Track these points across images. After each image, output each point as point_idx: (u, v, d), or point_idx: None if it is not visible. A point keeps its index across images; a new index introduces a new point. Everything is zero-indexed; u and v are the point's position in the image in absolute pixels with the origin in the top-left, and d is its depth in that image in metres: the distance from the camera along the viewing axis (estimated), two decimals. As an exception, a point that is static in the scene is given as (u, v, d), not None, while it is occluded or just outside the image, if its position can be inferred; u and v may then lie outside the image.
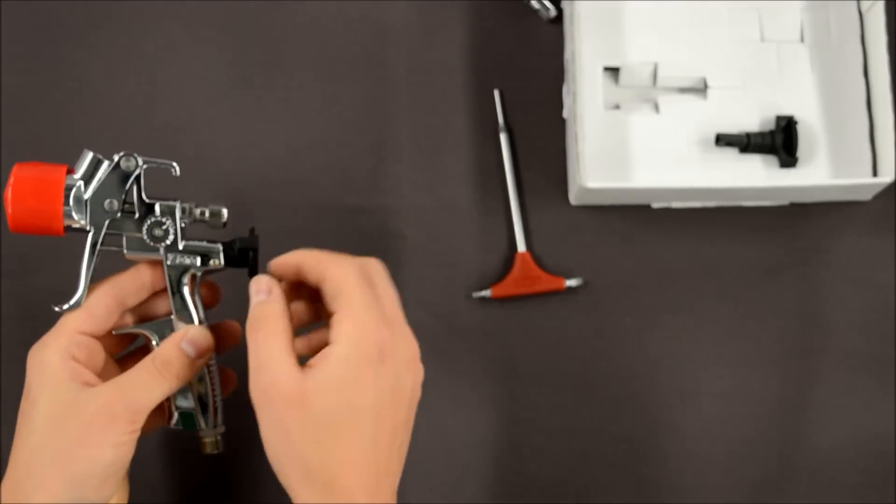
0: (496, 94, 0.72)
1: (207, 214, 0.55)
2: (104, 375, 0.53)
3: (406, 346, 0.52)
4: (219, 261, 0.55)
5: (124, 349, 0.57)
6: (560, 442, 0.68)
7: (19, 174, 0.52)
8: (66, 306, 0.52)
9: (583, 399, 0.69)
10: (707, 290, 0.70)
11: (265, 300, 0.52)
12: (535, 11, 0.74)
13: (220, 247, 0.55)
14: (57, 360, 0.51)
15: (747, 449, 0.68)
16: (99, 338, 0.54)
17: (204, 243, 0.55)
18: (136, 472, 0.55)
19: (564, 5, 0.72)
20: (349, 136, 0.72)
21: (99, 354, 0.53)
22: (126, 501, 0.55)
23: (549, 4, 0.73)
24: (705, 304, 0.70)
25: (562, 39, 0.73)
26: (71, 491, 0.49)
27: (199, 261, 0.54)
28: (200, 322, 0.55)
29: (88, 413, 0.50)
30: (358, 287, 0.51)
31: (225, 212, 0.55)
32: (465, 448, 0.68)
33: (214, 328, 0.57)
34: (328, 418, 0.48)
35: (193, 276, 0.55)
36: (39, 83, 0.73)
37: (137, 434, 0.51)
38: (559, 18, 0.73)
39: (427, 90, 0.73)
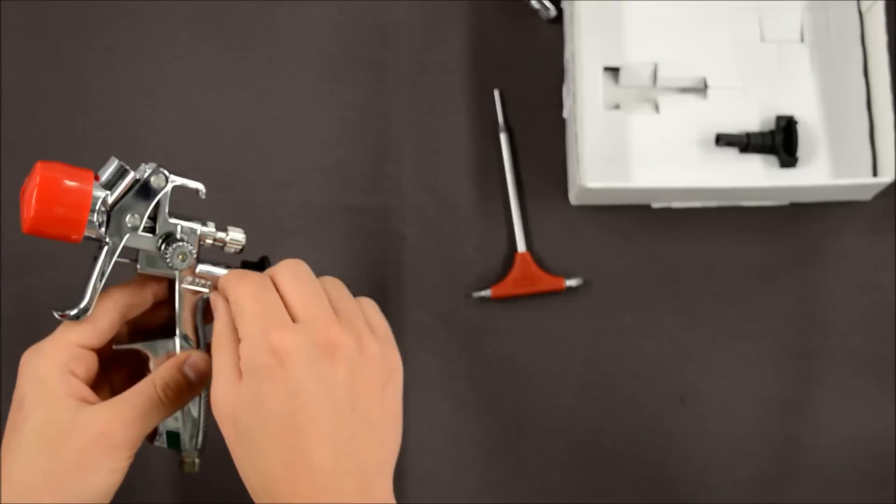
0: (496, 94, 0.72)
1: (227, 239, 0.52)
2: (95, 386, 0.52)
3: (337, 334, 0.47)
4: None
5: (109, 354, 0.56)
6: (560, 442, 0.68)
7: (46, 175, 0.47)
8: (71, 313, 0.50)
9: (583, 399, 0.69)
10: (707, 290, 0.70)
11: (216, 317, 0.50)
12: (535, 11, 0.74)
13: None
14: (56, 374, 0.49)
15: (747, 449, 0.68)
16: (96, 349, 0.52)
17: (218, 269, 0.52)
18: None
19: (564, 5, 0.72)
20: (349, 136, 0.72)
21: (94, 366, 0.52)
22: None
23: (549, 4, 0.73)
24: (705, 304, 0.70)
25: (562, 39, 0.73)
26: None
27: (209, 286, 0.52)
28: (203, 346, 0.54)
29: (87, 438, 0.48)
30: (246, 297, 0.48)
31: (243, 239, 0.53)
32: (465, 448, 0.68)
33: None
34: (252, 428, 0.46)
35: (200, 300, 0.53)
36: (39, 83, 0.73)
37: (133, 459, 0.49)
38: (559, 18, 0.73)
39: (427, 90, 0.73)
